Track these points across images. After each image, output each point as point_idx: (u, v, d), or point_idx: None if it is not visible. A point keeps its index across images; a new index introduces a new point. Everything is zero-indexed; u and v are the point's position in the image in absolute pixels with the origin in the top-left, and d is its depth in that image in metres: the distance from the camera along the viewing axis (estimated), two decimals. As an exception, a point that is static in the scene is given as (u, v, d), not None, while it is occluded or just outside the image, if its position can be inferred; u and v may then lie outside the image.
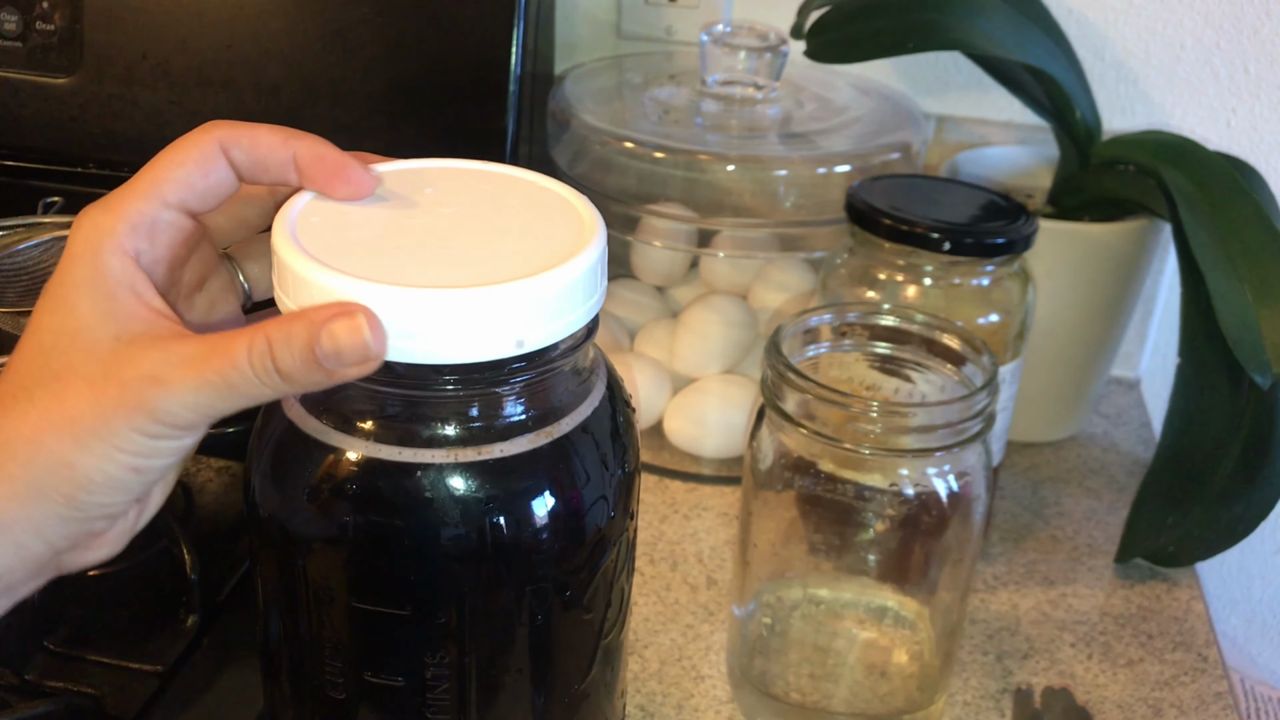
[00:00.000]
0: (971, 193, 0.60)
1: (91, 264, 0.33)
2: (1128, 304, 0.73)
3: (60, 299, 0.33)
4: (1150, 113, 0.79)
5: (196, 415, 0.32)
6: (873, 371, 0.52)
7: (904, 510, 0.48)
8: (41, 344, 0.33)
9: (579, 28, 0.84)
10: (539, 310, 0.32)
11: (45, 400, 0.32)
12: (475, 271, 0.32)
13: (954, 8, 0.63)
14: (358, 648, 0.36)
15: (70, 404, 0.32)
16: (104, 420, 0.31)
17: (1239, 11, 0.75)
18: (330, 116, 0.71)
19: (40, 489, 0.32)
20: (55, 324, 0.33)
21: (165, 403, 0.31)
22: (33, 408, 0.32)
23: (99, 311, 0.32)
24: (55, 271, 0.33)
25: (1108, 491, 0.71)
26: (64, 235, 0.59)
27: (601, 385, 0.38)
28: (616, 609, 0.40)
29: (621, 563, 0.39)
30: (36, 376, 0.32)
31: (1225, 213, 0.58)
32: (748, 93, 0.71)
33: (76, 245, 0.33)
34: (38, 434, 0.32)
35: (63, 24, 0.73)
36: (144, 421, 0.31)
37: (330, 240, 0.33)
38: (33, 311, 0.33)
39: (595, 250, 0.34)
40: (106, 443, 0.31)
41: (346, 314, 0.31)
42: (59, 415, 0.32)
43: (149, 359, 0.32)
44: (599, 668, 0.39)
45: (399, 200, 0.36)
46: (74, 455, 0.31)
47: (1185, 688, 0.56)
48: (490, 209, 0.37)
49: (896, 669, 0.53)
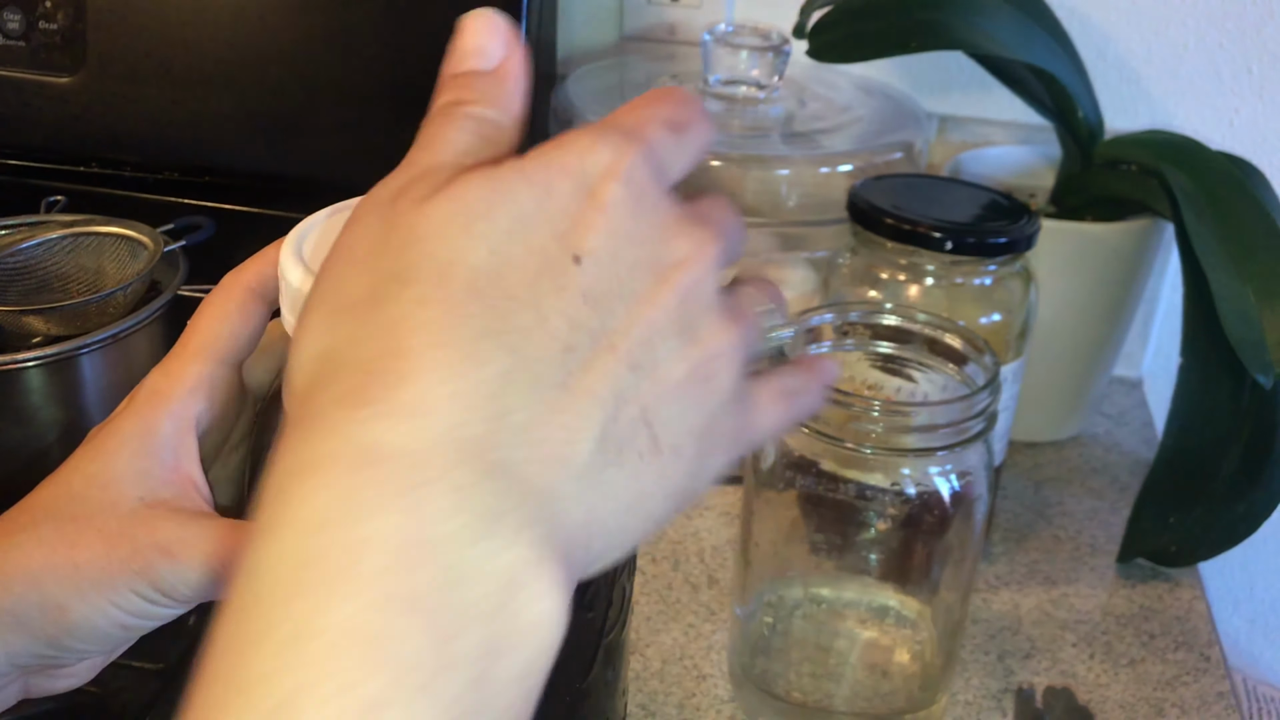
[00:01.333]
0: (974, 192, 0.60)
1: (143, 422, 0.33)
2: (1130, 303, 0.73)
3: (103, 448, 0.33)
4: (1153, 112, 0.79)
5: (195, 594, 0.32)
6: (875, 371, 0.52)
7: (906, 510, 0.48)
8: (70, 486, 0.33)
9: (581, 27, 0.84)
10: None
11: (54, 541, 0.32)
12: None
13: (956, 7, 0.63)
14: None
15: (79, 552, 0.31)
16: (109, 575, 0.31)
17: (1242, 11, 0.75)
18: (331, 116, 0.71)
19: (26, 624, 0.32)
20: (90, 471, 0.33)
21: (170, 577, 0.31)
22: (40, 546, 0.32)
23: (135, 469, 0.32)
24: (109, 423, 0.34)
25: (1110, 491, 0.71)
26: (67, 234, 0.59)
27: None
28: (618, 608, 0.40)
29: (623, 562, 0.39)
30: (53, 516, 0.32)
31: (1228, 212, 0.58)
32: (750, 92, 0.71)
33: (134, 405, 0.33)
34: (39, 573, 0.31)
35: (66, 23, 0.73)
36: (146, 587, 0.31)
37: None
38: (76, 451, 0.34)
39: None
40: (105, 597, 0.31)
41: None
42: (64, 559, 0.31)
43: (165, 528, 0.31)
44: (600, 666, 0.40)
45: None
46: (70, 601, 0.31)
47: (1187, 688, 0.56)
48: None
49: (898, 668, 0.53)
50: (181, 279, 0.59)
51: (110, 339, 0.54)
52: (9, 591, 0.32)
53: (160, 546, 0.31)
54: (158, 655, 0.50)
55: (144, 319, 0.55)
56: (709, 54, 0.71)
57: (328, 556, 0.21)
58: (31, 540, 0.32)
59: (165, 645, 0.51)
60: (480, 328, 0.23)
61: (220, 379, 0.34)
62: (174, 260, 0.60)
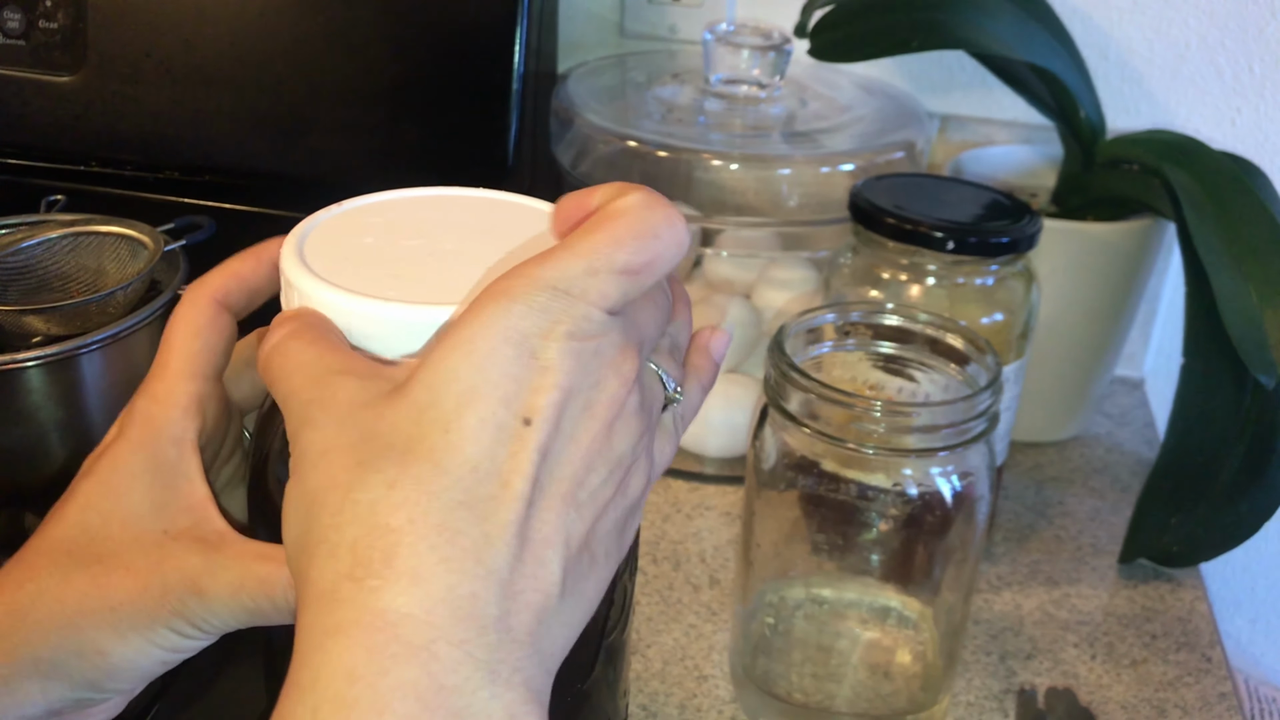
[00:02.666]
0: (975, 192, 0.60)
1: (148, 453, 0.33)
2: (1132, 303, 0.72)
3: (113, 485, 0.33)
4: (1154, 112, 0.79)
5: (226, 625, 0.32)
6: (876, 371, 0.52)
7: (907, 510, 0.48)
8: (87, 524, 0.33)
9: (582, 26, 0.84)
10: None
11: (84, 584, 0.32)
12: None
13: (958, 7, 0.63)
14: None
15: (112, 593, 0.32)
16: (146, 615, 0.31)
17: (1244, 11, 0.75)
18: (333, 116, 0.71)
19: (65, 671, 0.32)
20: (106, 508, 0.33)
21: (201, 613, 0.32)
22: (70, 589, 0.32)
23: (152, 502, 0.33)
24: (108, 454, 0.33)
25: (1111, 491, 0.71)
26: (67, 234, 0.59)
27: None
28: (619, 609, 0.39)
29: (624, 562, 0.39)
30: (76, 557, 0.32)
31: (1230, 212, 0.58)
32: (751, 91, 0.71)
33: (132, 434, 0.33)
34: (75, 619, 0.32)
35: (66, 23, 0.73)
36: (181, 623, 0.32)
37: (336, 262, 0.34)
38: (77, 484, 0.34)
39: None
40: (144, 636, 0.32)
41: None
42: (99, 603, 0.32)
43: (192, 563, 0.32)
44: (601, 667, 0.39)
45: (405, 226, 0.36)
46: (110, 645, 0.32)
47: (1189, 688, 0.56)
48: (495, 232, 0.37)
49: (899, 669, 0.53)
50: (182, 279, 0.59)
51: (110, 339, 0.54)
52: (45, 641, 0.32)
53: (190, 584, 0.31)
54: (158, 656, 0.50)
55: (144, 319, 0.55)
56: (710, 53, 0.71)
57: (362, 701, 0.25)
58: (60, 584, 0.32)
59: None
60: (452, 500, 0.26)
61: (208, 395, 0.34)
62: (174, 260, 0.60)
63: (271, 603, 0.31)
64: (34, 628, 0.32)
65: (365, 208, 0.37)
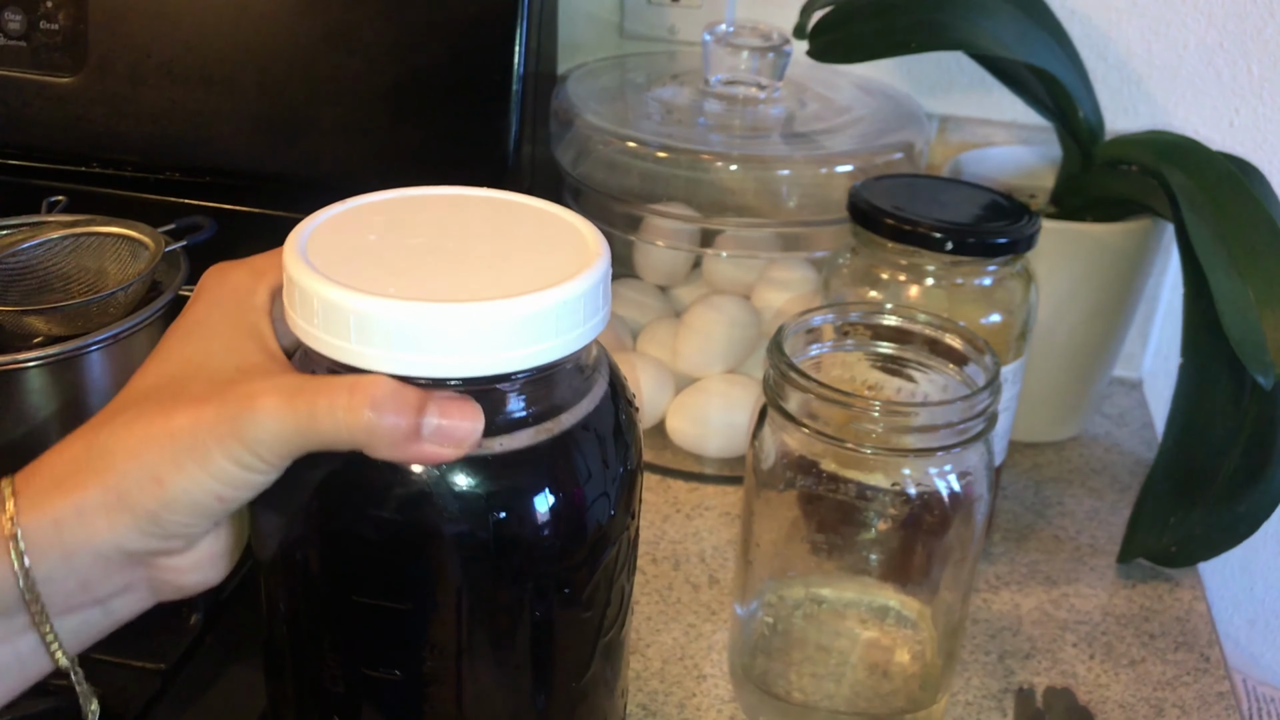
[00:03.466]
0: (974, 193, 0.60)
1: (233, 312, 0.36)
2: (1130, 304, 0.73)
3: (198, 336, 0.36)
4: (1153, 113, 0.79)
5: (278, 444, 0.32)
6: (875, 371, 0.52)
7: (906, 510, 0.48)
8: (168, 370, 0.35)
9: (582, 27, 0.84)
10: (543, 326, 0.33)
11: (153, 414, 0.33)
12: (485, 287, 0.33)
13: (957, 8, 0.63)
14: (357, 642, 0.36)
15: (174, 420, 0.33)
16: (201, 440, 0.32)
17: (1242, 12, 0.75)
18: (333, 116, 0.71)
19: (127, 500, 0.33)
20: (188, 354, 0.35)
21: (252, 428, 0.32)
22: (140, 419, 0.33)
23: (230, 349, 0.35)
24: (189, 312, 0.36)
25: (1110, 491, 0.71)
26: (68, 234, 0.59)
27: (604, 382, 0.38)
28: (617, 607, 0.40)
29: (622, 561, 0.39)
30: (153, 395, 0.34)
31: (1228, 213, 0.58)
32: (750, 92, 0.71)
33: (218, 294, 0.36)
34: (139, 447, 0.33)
35: (67, 24, 0.73)
36: (236, 446, 0.32)
37: (340, 259, 0.34)
38: (162, 342, 0.36)
39: (600, 268, 0.35)
40: (199, 465, 0.32)
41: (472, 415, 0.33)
42: (161, 430, 0.33)
43: (253, 384, 0.33)
44: (598, 664, 0.40)
45: (407, 224, 0.37)
46: (167, 473, 0.32)
47: (1187, 688, 0.56)
48: (496, 231, 0.37)
49: (898, 668, 0.53)
50: (183, 279, 0.59)
51: (111, 339, 0.54)
52: (112, 468, 0.33)
53: (244, 395, 0.32)
54: (158, 655, 0.50)
55: (145, 319, 0.55)
56: (709, 54, 0.71)
57: None
58: (133, 416, 0.33)
59: (165, 645, 0.51)
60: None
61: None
62: (175, 260, 0.60)
63: (330, 415, 0.32)
64: (103, 458, 0.33)
65: (369, 206, 0.38)
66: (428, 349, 0.32)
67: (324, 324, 0.33)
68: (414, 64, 0.70)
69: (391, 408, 0.32)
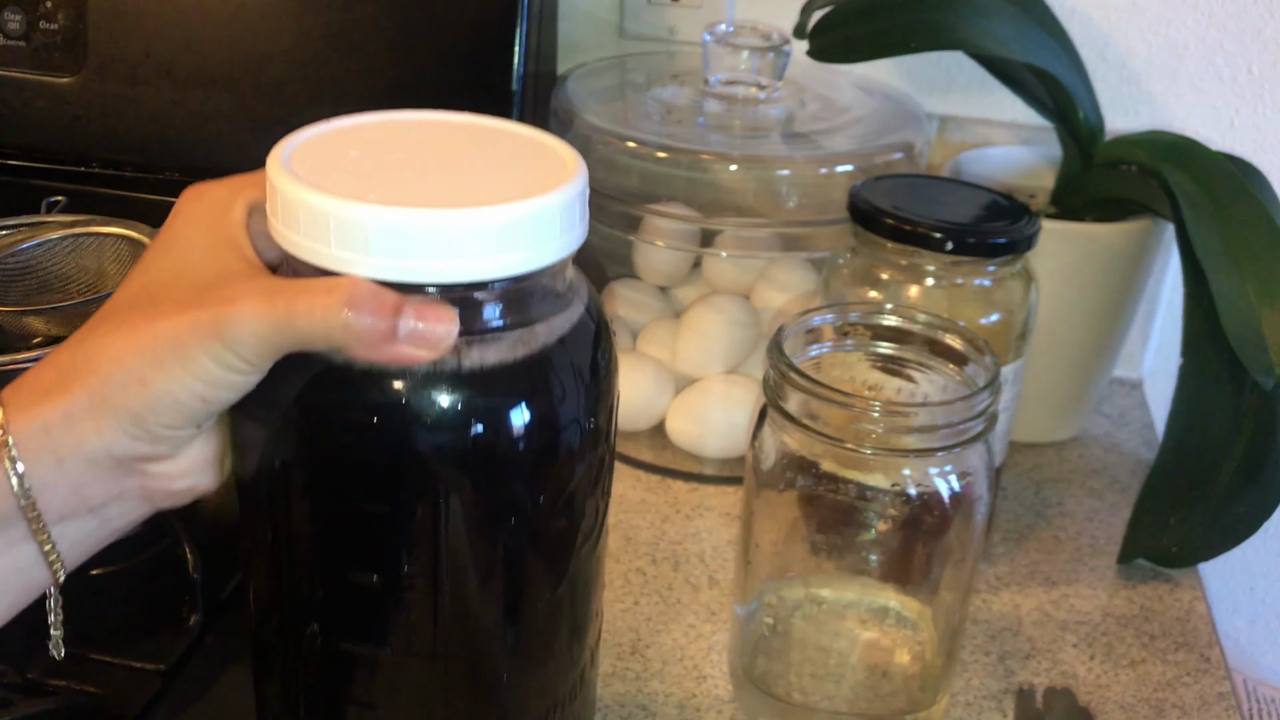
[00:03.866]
0: (974, 193, 0.60)
1: (211, 225, 0.36)
2: (1130, 304, 0.73)
3: (179, 247, 0.36)
4: (1153, 113, 0.79)
5: (259, 344, 0.33)
6: (875, 371, 0.52)
7: (906, 510, 0.48)
8: (149, 280, 0.36)
9: (581, 27, 0.84)
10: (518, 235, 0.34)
11: (136, 320, 0.34)
12: (463, 196, 0.34)
13: (957, 8, 0.63)
14: (336, 548, 0.37)
15: (157, 324, 0.33)
16: (182, 339, 0.33)
17: (1242, 12, 0.75)
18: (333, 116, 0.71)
19: (112, 404, 0.33)
20: (168, 265, 0.36)
21: (233, 327, 0.32)
22: (123, 325, 0.34)
23: (209, 258, 0.36)
24: (167, 228, 0.37)
25: (1110, 492, 0.71)
26: (67, 235, 0.59)
27: (580, 304, 0.39)
28: (591, 521, 0.40)
29: (596, 478, 0.40)
30: (136, 303, 0.35)
31: (1228, 213, 0.58)
32: (750, 93, 0.71)
33: (196, 209, 0.37)
34: (123, 351, 0.33)
35: (66, 24, 0.73)
36: (217, 345, 0.33)
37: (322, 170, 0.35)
38: (143, 257, 0.37)
39: (577, 183, 0.36)
40: (182, 365, 0.33)
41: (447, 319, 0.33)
42: (145, 334, 0.33)
43: (235, 286, 0.34)
44: (573, 577, 0.40)
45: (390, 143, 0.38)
46: (150, 374, 0.33)
47: (1188, 688, 0.56)
48: (478, 150, 0.39)
49: (898, 669, 0.53)
50: (182, 279, 0.59)
51: (111, 339, 0.54)
52: (95, 372, 0.33)
53: (226, 297, 0.33)
54: (158, 655, 0.50)
55: (144, 319, 0.55)
56: (709, 54, 0.71)
57: None
58: (117, 324, 0.34)
59: (165, 645, 0.51)
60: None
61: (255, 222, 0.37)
62: (174, 261, 0.60)
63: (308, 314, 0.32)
64: (88, 364, 0.34)
65: (353, 126, 0.39)
66: (405, 254, 0.33)
67: (306, 230, 0.33)
68: (414, 64, 0.70)
69: (368, 308, 0.32)
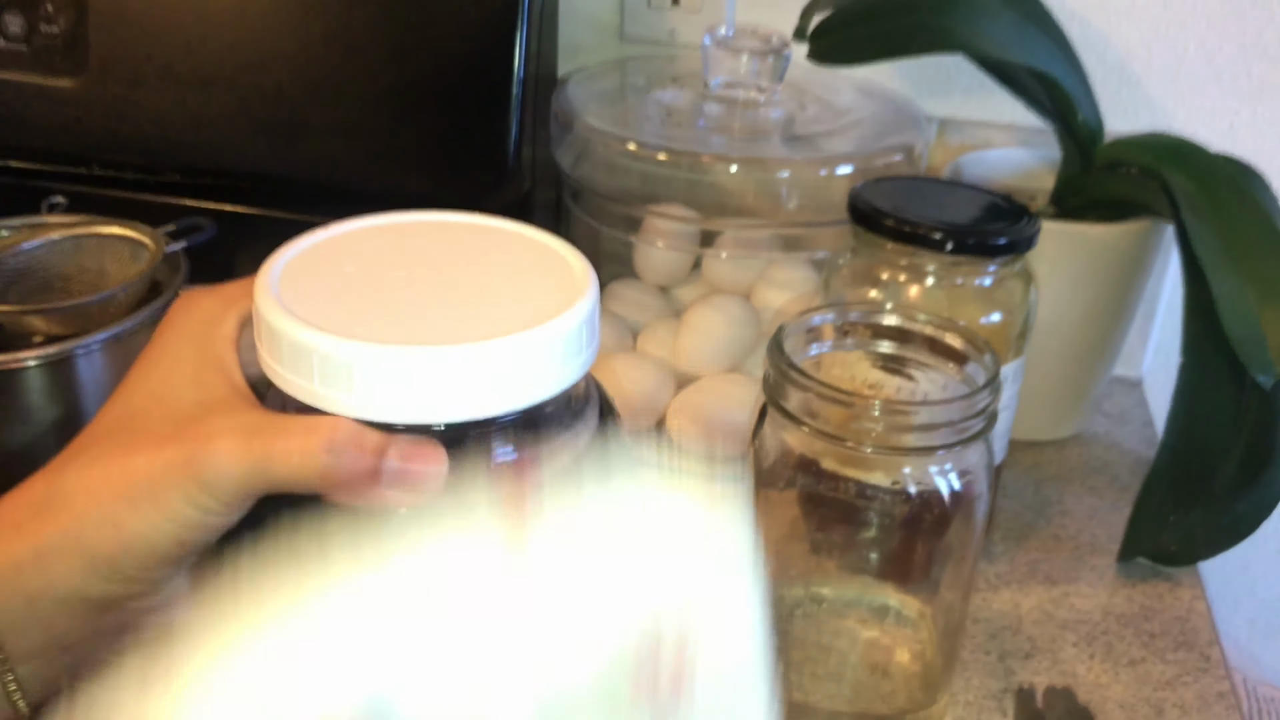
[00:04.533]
0: (974, 194, 0.60)
1: (199, 343, 0.35)
2: (1130, 304, 0.73)
3: (164, 365, 0.34)
4: (1153, 115, 0.79)
5: (235, 487, 0.31)
6: (875, 370, 0.52)
7: (906, 509, 0.48)
8: (132, 404, 0.34)
9: (582, 30, 0.84)
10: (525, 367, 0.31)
11: (114, 453, 0.32)
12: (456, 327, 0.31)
13: (957, 11, 0.63)
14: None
15: (132, 461, 0.32)
16: (155, 480, 0.31)
17: (1242, 14, 0.75)
18: (333, 118, 0.71)
19: (86, 545, 0.32)
20: (150, 389, 0.34)
21: (208, 470, 0.31)
22: (100, 459, 0.32)
23: (193, 382, 0.34)
24: (158, 342, 0.35)
25: (1110, 490, 0.71)
26: (68, 235, 0.59)
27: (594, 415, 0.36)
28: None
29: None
30: (114, 432, 0.33)
31: (1228, 214, 0.58)
32: (750, 95, 0.72)
33: (186, 323, 0.35)
34: (97, 489, 0.32)
35: (67, 26, 0.73)
36: (193, 487, 0.31)
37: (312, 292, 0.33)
38: (129, 373, 0.35)
39: (587, 302, 0.33)
40: (155, 507, 0.31)
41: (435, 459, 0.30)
42: (119, 471, 0.32)
43: (213, 421, 0.32)
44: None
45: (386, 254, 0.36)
46: (125, 516, 0.31)
47: (1188, 688, 0.56)
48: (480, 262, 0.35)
49: (899, 668, 0.53)
50: (183, 280, 0.59)
51: (111, 338, 0.54)
52: (68, 509, 0.32)
53: (202, 435, 0.31)
54: (159, 655, 0.50)
55: (144, 319, 0.55)
56: (709, 57, 0.71)
57: None
58: (94, 455, 0.32)
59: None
60: None
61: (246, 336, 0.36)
62: (175, 261, 0.60)
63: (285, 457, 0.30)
64: (63, 503, 0.32)
65: (349, 234, 0.36)
66: (391, 393, 0.30)
67: (289, 364, 0.31)
68: (414, 66, 0.70)
69: (349, 451, 0.30)
